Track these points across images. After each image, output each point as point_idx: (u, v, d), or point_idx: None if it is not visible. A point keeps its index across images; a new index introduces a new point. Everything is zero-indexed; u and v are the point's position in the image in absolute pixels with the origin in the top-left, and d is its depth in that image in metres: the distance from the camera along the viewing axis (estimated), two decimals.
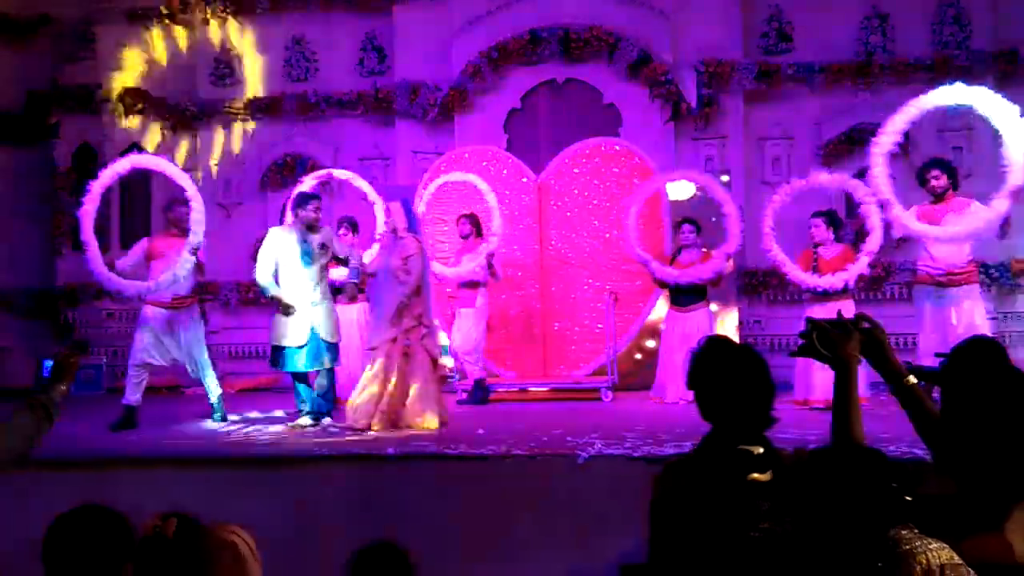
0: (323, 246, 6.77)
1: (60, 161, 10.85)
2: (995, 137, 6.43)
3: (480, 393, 8.10)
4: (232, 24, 10.87)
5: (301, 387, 6.75)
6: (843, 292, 7.06)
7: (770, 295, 9.71)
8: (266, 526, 4.61)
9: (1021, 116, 6.21)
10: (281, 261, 6.68)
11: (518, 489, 5.09)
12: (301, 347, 6.62)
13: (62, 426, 3.66)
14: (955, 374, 2.70)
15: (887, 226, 6.82)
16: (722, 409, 2.36)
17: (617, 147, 9.18)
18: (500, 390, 8.61)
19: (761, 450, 2.19)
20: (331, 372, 6.84)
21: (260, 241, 8.13)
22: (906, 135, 9.29)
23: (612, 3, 9.98)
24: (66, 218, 10.23)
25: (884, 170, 6.58)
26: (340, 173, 8.76)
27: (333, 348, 6.78)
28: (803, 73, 9.87)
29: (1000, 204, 6.16)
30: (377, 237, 7.77)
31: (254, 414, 7.48)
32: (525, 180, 9.17)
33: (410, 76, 10.30)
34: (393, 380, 6.45)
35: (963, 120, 9.58)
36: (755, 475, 2.15)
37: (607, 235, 8.92)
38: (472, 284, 8.28)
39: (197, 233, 6.77)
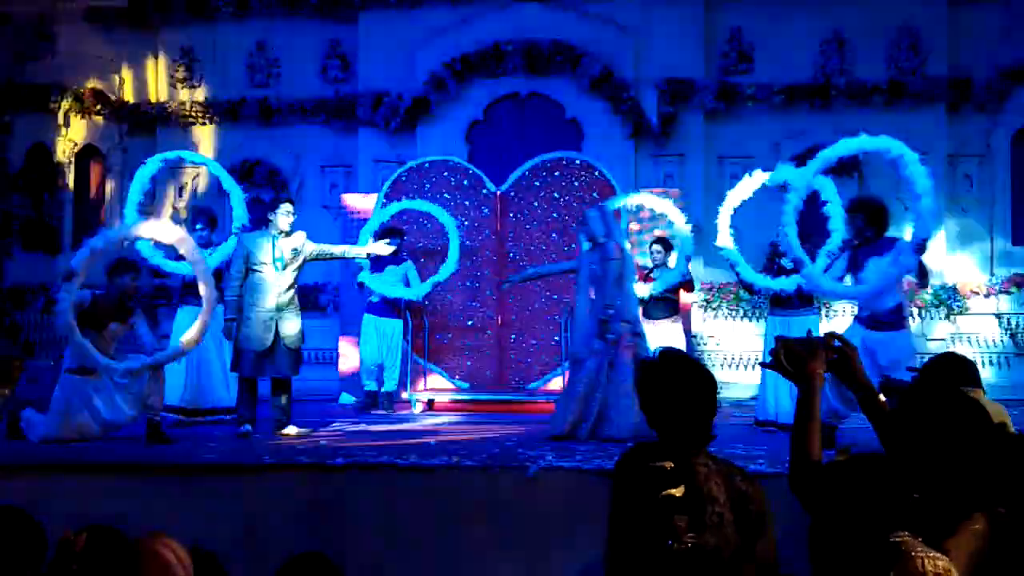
0: (295, 251, 6.67)
1: (13, 161, 10.67)
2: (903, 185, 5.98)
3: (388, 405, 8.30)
4: (193, 27, 10.79)
5: (247, 394, 6.64)
6: (807, 306, 6.89)
7: (725, 311, 9.80)
8: (211, 536, 4.57)
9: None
10: (252, 265, 6.57)
11: (468, 501, 5.07)
12: (263, 352, 6.54)
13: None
14: (923, 390, 2.75)
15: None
16: (666, 420, 2.40)
17: (578, 161, 9.21)
18: (454, 401, 8.61)
19: (671, 465, 2.21)
20: (290, 381, 6.76)
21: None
22: (858, 159, 9.57)
23: (576, 19, 10.08)
24: (18, 219, 10.09)
25: (794, 227, 6.09)
26: (191, 155, 8.20)
27: (296, 356, 6.70)
28: (762, 94, 10.04)
29: (908, 260, 5.64)
30: (234, 231, 7.38)
31: None
32: (485, 192, 9.18)
33: (374, 85, 10.31)
34: (600, 388, 6.31)
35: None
36: (669, 491, 2.17)
37: (566, 248, 8.95)
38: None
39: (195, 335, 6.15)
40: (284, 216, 6.65)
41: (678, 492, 2.17)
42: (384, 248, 7.32)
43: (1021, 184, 9.81)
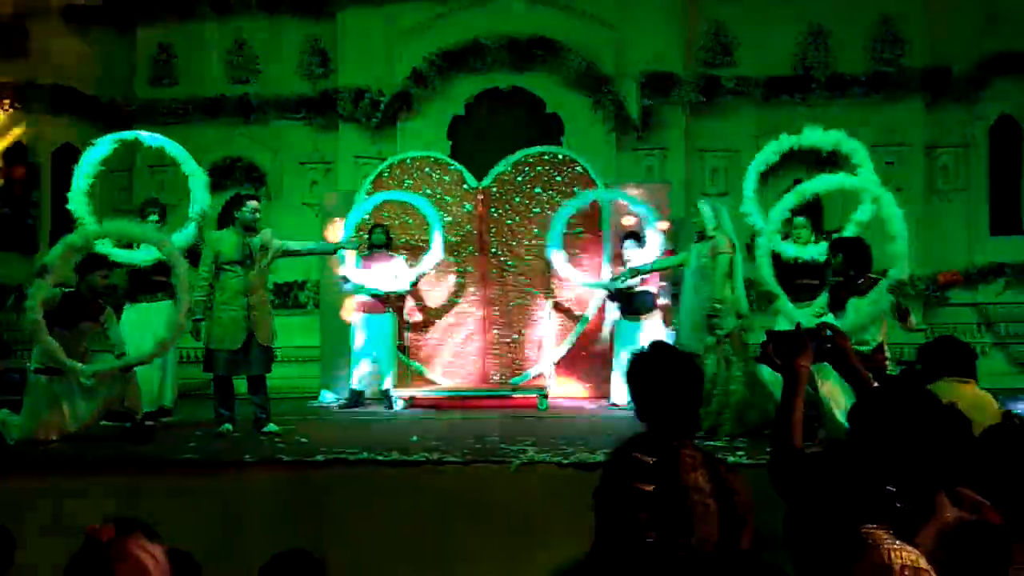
0: (263, 248, 6.66)
1: None
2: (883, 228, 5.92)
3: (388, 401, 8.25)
4: (171, 24, 10.71)
5: (224, 393, 6.63)
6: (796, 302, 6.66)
7: None
8: (193, 535, 4.54)
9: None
10: (221, 264, 6.56)
11: (451, 496, 5.08)
12: (236, 351, 6.52)
13: None
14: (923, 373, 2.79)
15: None
16: (653, 411, 2.43)
17: (560, 156, 9.21)
18: (437, 397, 8.60)
19: (652, 460, 2.22)
20: (265, 379, 6.73)
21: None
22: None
23: (557, 13, 10.05)
24: None
25: (769, 263, 6.15)
26: (148, 137, 7.78)
27: (269, 353, 6.70)
28: (744, 87, 10.05)
29: (883, 300, 5.68)
30: (192, 217, 7.22)
31: None
32: (467, 187, 9.16)
33: (354, 81, 10.25)
34: (717, 388, 6.15)
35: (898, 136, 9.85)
36: (639, 484, 2.17)
37: (548, 243, 8.94)
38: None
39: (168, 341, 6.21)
40: (250, 214, 6.65)
41: (648, 488, 2.18)
42: (352, 245, 7.43)
43: (999, 174, 9.88)
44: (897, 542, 1.85)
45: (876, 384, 2.53)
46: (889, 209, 5.75)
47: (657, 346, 2.55)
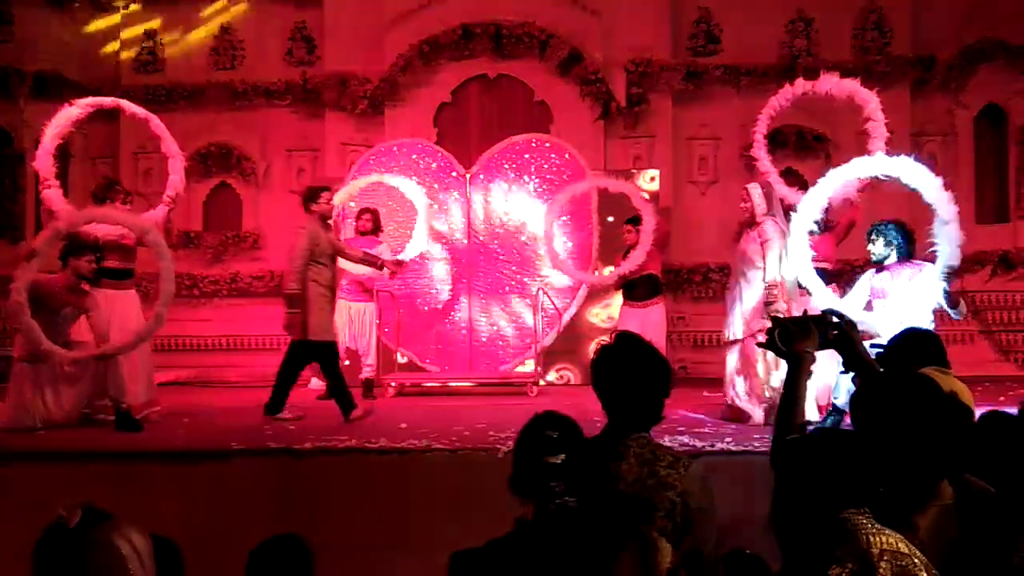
0: (333, 243, 6.83)
1: None
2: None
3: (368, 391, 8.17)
4: (156, 10, 10.63)
5: (292, 384, 6.70)
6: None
7: (694, 292, 9.85)
8: (180, 522, 4.54)
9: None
10: (317, 259, 6.56)
11: (439, 483, 5.09)
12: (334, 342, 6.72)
13: None
14: (890, 364, 2.82)
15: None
16: (614, 403, 2.48)
17: (547, 143, 9.21)
18: (425, 384, 8.61)
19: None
20: None
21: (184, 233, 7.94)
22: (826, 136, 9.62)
23: (544, 0, 10.02)
24: None
25: (807, 258, 5.71)
26: (128, 104, 7.58)
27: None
28: (730, 74, 10.06)
29: (935, 291, 5.39)
30: (166, 200, 7.01)
31: None
32: (455, 174, 9.15)
33: (340, 67, 10.20)
34: (760, 368, 6.12)
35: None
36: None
37: (535, 231, 8.94)
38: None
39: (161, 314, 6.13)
40: (327, 204, 6.73)
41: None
42: (396, 265, 7.68)
43: (983, 163, 9.92)
44: (876, 527, 1.86)
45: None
46: (936, 194, 5.40)
47: (622, 338, 2.58)
